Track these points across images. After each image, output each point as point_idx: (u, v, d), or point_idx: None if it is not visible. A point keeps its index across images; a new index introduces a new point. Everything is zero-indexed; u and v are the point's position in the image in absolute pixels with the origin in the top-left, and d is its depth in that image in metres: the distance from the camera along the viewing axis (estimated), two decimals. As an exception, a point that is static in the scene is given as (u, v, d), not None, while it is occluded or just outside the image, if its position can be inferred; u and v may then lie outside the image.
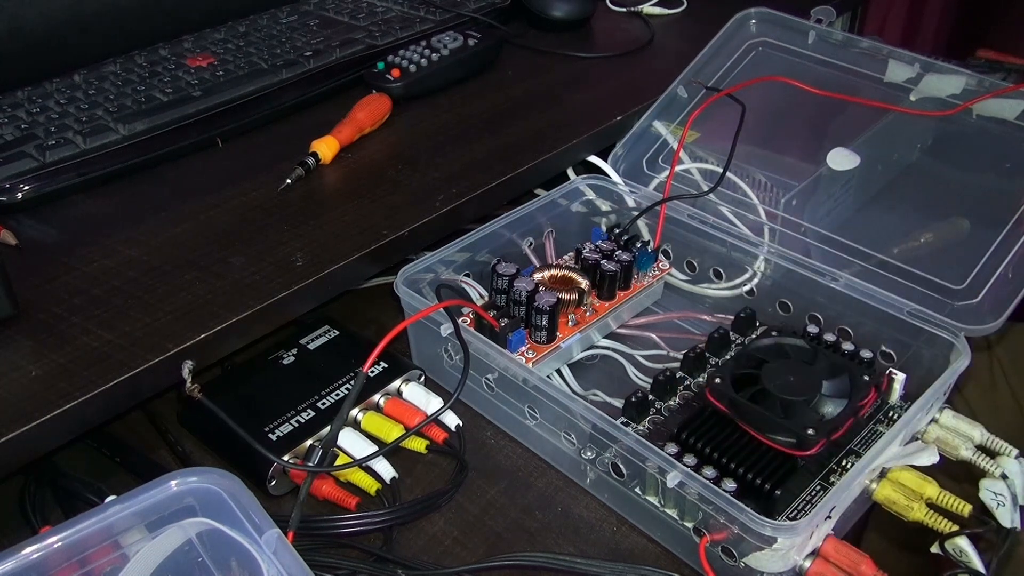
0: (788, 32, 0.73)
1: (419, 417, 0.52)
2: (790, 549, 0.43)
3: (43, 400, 0.44)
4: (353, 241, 0.56)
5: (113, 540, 0.39)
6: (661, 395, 0.54)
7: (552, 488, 0.52)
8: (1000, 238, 0.57)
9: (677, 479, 0.44)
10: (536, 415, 0.52)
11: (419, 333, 0.58)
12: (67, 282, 0.53)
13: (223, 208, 0.60)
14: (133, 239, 0.57)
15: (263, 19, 0.81)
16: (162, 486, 0.40)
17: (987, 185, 0.64)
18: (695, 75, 0.72)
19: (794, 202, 0.64)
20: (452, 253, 0.60)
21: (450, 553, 0.48)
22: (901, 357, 0.56)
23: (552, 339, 0.56)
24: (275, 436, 0.50)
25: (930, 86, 0.66)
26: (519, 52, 0.83)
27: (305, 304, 0.54)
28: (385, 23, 0.81)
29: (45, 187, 0.59)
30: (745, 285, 0.62)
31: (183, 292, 0.52)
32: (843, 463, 0.50)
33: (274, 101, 0.70)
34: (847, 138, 0.66)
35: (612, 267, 0.59)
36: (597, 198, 0.68)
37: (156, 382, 0.48)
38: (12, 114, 0.65)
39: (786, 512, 0.47)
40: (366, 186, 0.62)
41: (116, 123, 0.64)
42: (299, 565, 0.37)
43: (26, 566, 0.37)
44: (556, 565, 0.46)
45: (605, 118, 0.71)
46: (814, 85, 0.68)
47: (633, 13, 0.94)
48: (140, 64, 0.73)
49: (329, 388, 0.54)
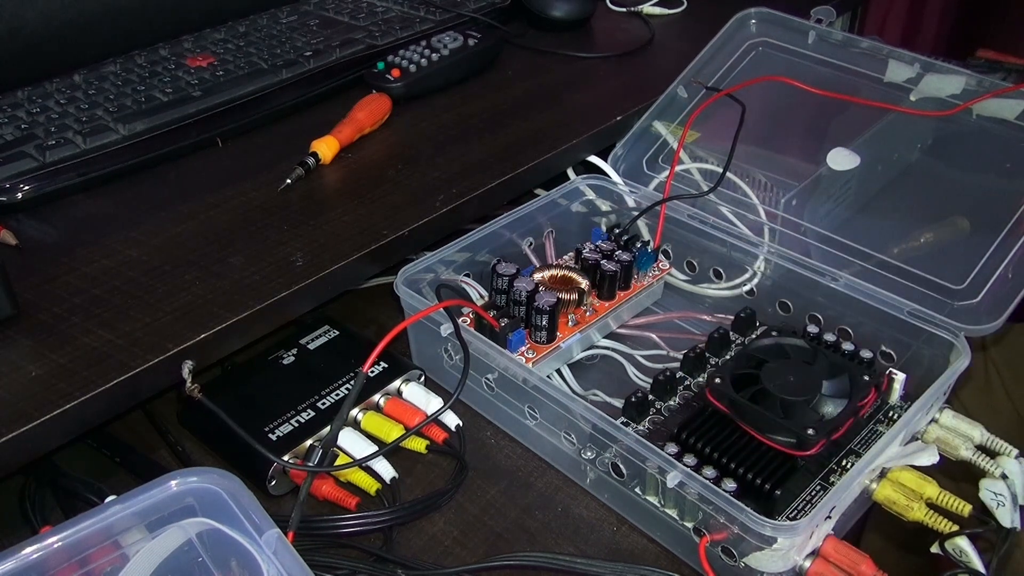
0: (788, 32, 0.73)
1: (419, 417, 0.52)
2: (790, 549, 0.43)
3: (43, 400, 0.44)
4: (353, 241, 0.56)
5: (113, 540, 0.39)
6: (661, 395, 0.54)
7: (552, 488, 0.52)
8: (1000, 238, 0.57)
9: (677, 479, 0.44)
10: (536, 415, 0.52)
11: (419, 333, 0.58)
12: (67, 282, 0.53)
13: (223, 208, 0.60)
14: (133, 239, 0.57)
15: (263, 19, 0.81)
16: (162, 486, 0.40)
17: (987, 185, 0.64)
18: (695, 75, 0.72)
19: (794, 202, 0.64)
20: (452, 253, 0.60)
21: (450, 553, 0.48)
22: (901, 357, 0.56)
23: (552, 339, 0.56)
24: (275, 436, 0.50)
25: (930, 86, 0.66)
26: (519, 52, 0.83)
27: (305, 304, 0.54)
28: (385, 23, 0.81)
29: (45, 187, 0.59)
30: (745, 285, 0.62)
31: (183, 292, 0.52)
32: (843, 463, 0.50)
33: (274, 101, 0.70)
34: (847, 138, 0.66)
35: (612, 267, 0.59)
36: (597, 198, 0.68)
37: (156, 382, 0.48)
38: (12, 114, 0.65)
39: (786, 512, 0.47)
40: (366, 186, 0.62)
41: (116, 123, 0.64)
42: (299, 565, 0.37)
43: (26, 566, 0.37)
44: (556, 565, 0.46)
45: (605, 118, 0.71)
46: (814, 85, 0.68)
47: (633, 13, 0.94)
48: (140, 64, 0.73)
49: (329, 388, 0.54)
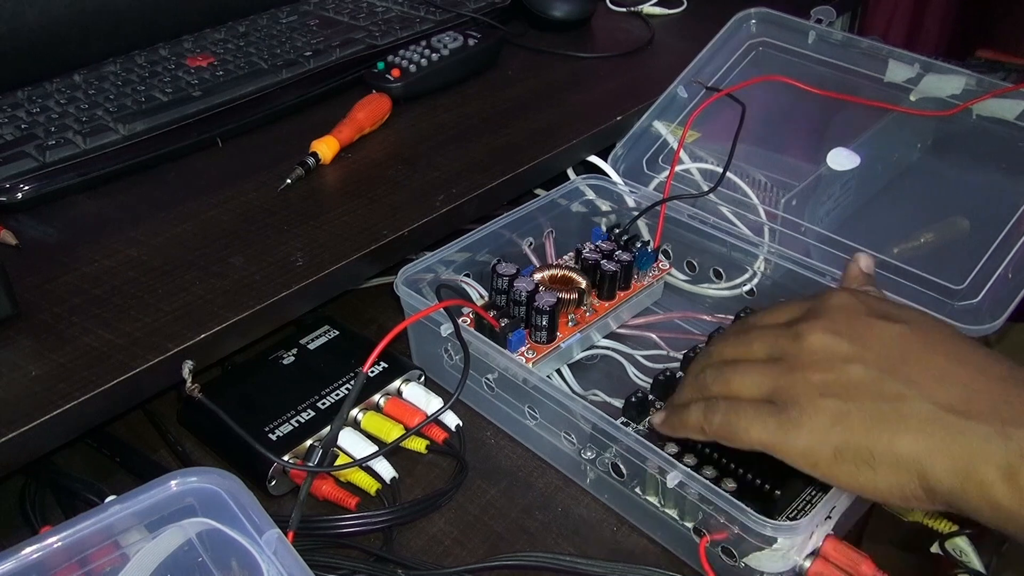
0: (788, 32, 0.73)
1: (419, 417, 0.52)
2: (790, 549, 0.43)
3: (43, 400, 0.44)
4: (353, 241, 0.56)
5: (113, 540, 0.39)
6: (661, 395, 0.54)
7: (552, 488, 0.52)
8: (1000, 238, 0.57)
9: (677, 479, 0.44)
10: (536, 415, 0.52)
11: (419, 333, 0.58)
12: (67, 282, 0.53)
13: (223, 208, 0.60)
14: (133, 239, 0.57)
15: (263, 19, 0.81)
16: (162, 486, 0.40)
17: (987, 185, 0.64)
18: (695, 75, 0.72)
19: (794, 202, 0.64)
20: (452, 253, 0.60)
21: (450, 553, 0.48)
22: (901, 357, 0.56)
23: (552, 339, 0.56)
24: (275, 436, 0.50)
25: (930, 86, 0.66)
26: (519, 52, 0.83)
27: (305, 304, 0.54)
28: (385, 23, 0.81)
29: (45, 187, 0.59)
30: (745, 285, 0.62)
31: (183, 292, 0.52)
32: (843, 463, 0.50)
33: (274, 101, 0.70)
34: (847, 138, 0.66)
35: (612, 267, 0.59)
36: (597, 198, 0.68)
37: (156, 382, 0.48)
38: (12, 114, 0.65)
39: (786, 512, 0.47)
40: (366, 186, 0.62)
41: (116, 123, 0.64)
42: (299, 565, 0.37)
43: (26, 566, 0.37)
44: (556, 565, 0.46)
45: (605, 118, 0.71)
46: (814, 85, 0.68)
47: (633, 13, 0.94)
48: (140, 64, 0.73)
49: (329, 388, 0.54)
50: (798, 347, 0.41)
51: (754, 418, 0.41)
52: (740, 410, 0.42)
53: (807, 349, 0.41)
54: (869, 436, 0.38)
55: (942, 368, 0.39)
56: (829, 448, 0.39)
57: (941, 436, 0.37)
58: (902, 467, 0.37)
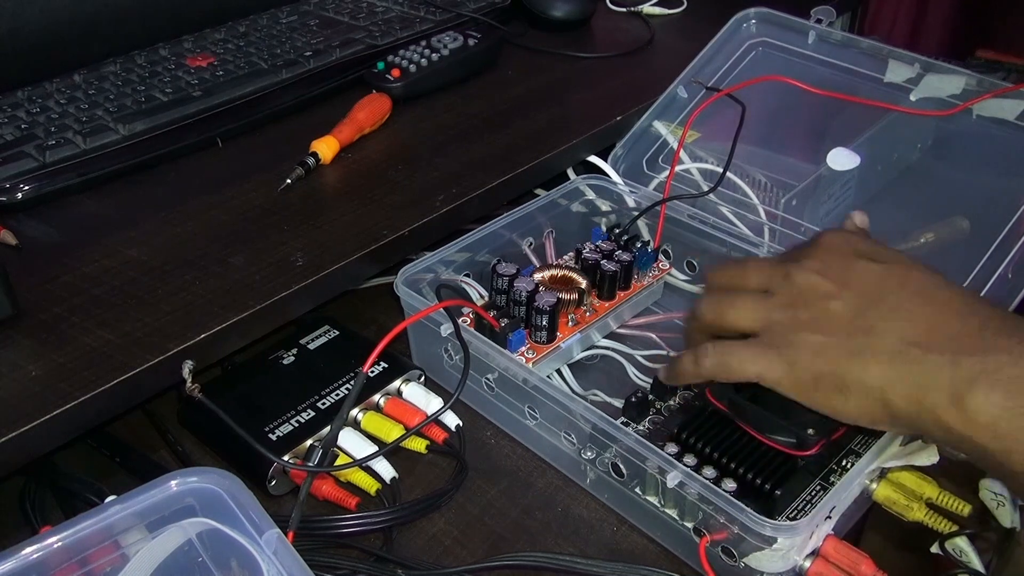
0: (788, 32, 0.73)
1: (419, 417, 0.52)
2: (790, 549, 0.43)
3: (43, 400, 0.44)
4: (353, 241, 0.56)
5: (113, 540, 0.39)
6: (661, 395, 0.54)
7: (552, 488, 0.52)
8: (1000, 238, 0.57)
9: (677, 479, 0.44)
10: (536, 415, 0.52)
11: (419, 333, 0.58)
12: (67, 282, 0.53)
13: (223, 208, 0.60)
14: (133, 239, 0.57)
15: (263, 19, 0.81)
16: (162, 486, 0.40)
17: (987, 185, 0.64)
18: (695, 75, 0.72)
19: (794, 202, 0.64)
20: (452, 253, 0.60)
21: (450, 553, 0.48)
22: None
23: (552, 339, 0.56)
24: (275, 436, 0.50)
25: (930, 86, 0.66)
26: (519, 52, 0.83)
27: (305, 304, 0.54)
28: (385, 23, 0.81)
29: (45, 187, 0.59)
30: (745, 285, 0.62)
31: (183, 292, 0.52)
32: (843, 463, 0.50)
33: (274, 101, 0.70)
34: (847, 138, 0.66)
35: (612, 267, 0.59)
36: (597, 198, 0.68)
37: (156, 382, 0.48)
38: (12, 114, 0.65)
39: (786, 512, 0.47)
40: (366, 186, 0.62)
41: (116, 123, 0.64)
42: (299, 565, 0.37)
43: (26, 566, 0.37)
44: (556, 565, 0.46)
45: (605, 118, 0.71)
46: (814, 85, 0.68)
47: (633, 13, 0.94)
48: (140, 64, 0.73)
49: (329, 388, 0.54)
50: (789, 284, 0.45)
51: (745, 354, 0.45)
52: (731, 350, 0.45)
53: (796, 286, 0.45)
54: (842, 366, 0.42)
55: (912, 305, 0.42)
56: (809, 376, 0.43)
57: (902, 367, 0.41)
58: (869, 395, 0.41)
